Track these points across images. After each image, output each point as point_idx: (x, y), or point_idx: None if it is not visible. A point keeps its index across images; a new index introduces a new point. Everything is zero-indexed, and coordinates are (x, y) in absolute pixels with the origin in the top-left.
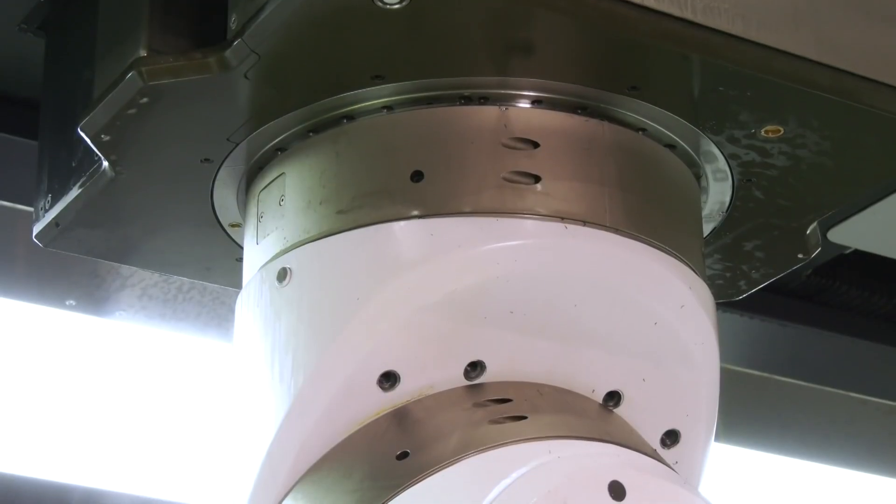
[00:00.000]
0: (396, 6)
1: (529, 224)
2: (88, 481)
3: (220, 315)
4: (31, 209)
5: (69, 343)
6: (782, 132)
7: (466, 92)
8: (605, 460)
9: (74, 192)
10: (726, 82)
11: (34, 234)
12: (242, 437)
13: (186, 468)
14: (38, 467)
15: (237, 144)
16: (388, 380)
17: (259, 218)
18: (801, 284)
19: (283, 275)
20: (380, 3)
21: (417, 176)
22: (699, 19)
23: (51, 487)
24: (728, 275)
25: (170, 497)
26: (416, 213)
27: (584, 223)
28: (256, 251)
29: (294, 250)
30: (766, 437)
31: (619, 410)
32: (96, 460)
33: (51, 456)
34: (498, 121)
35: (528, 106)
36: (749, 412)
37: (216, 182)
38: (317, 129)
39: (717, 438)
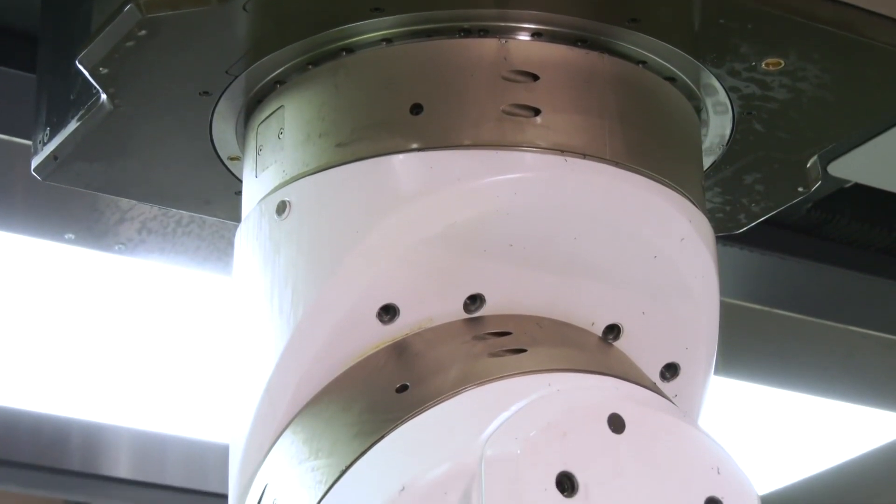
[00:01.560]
0: None
1: (529, 157)
2: (87, 415)
3: (220, 249)
4: (29, 142)
5: (68, 277)
6: (783, 65)
7: (466, 24)
8: (604, 393)
9: (73, 126)
10: (726, 14)
11: (32, 168)
12: (242, 371)
13: (186, 402)
14: (37, 401)
15: (236, 77)
16: (388, 313)
17: (258, 151)
18: (802, 218)
19: (282, 208)
20: None
21: (417, 109)
22: None
23: (50, 421)
24: (728, 208)
25: (169, 430)
26: (415, 145)
27: (584, 156)
28: (255, 184)
29: (293, 183)
30: (765, 370)
31: (618, 343)
32: (95, 394)
33: (50, 390)
34: (497, 53)
35: (527, 38)
36: (749, 346)
37: (215, 115)
38: (316, 61)
39: (717, 372)
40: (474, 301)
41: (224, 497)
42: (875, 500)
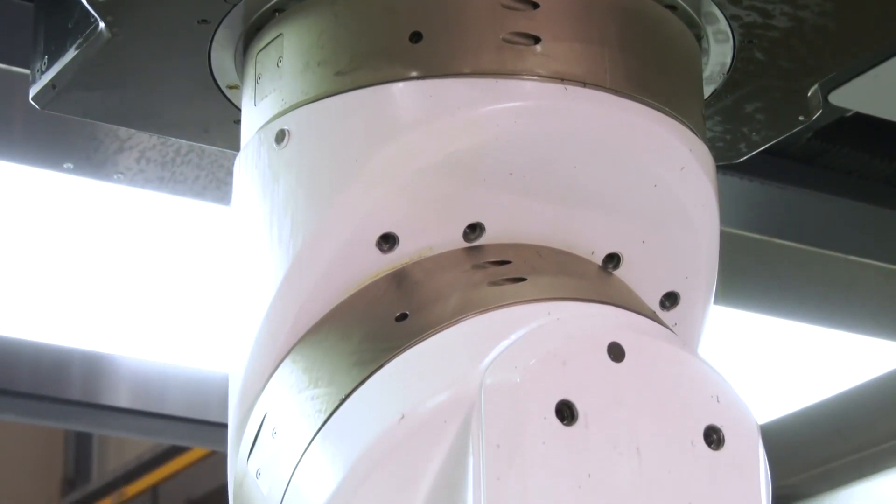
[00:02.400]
0: None
1: (529, 85)
2: (88, 345)
3: (219, 178)
4: (27, 71)
5: (67, 206)
6: None
7: None
8: (604, 322)
9: (71, 54)
10: None
11: (31, 97)
12: (241, 300)
13: (186, 331)
14: (38, 331)
15: (234, 5)
16: (387, 241)
17: (257, 80)
18: (802, 147)
19: (281, 136)
20: None
21: (416, 37)
22: None
23: (50, 351)
24: (728, 137)
25: (169, 360)
26: (414, 74)
27: (584, 84)
28: (254, 113)
29: (292, 112)
30: (764, 299)
31: (618, 272)
32: (96, 324)
33: (50, 320)
34: None
35: None
36: (748, 275)
37: (213, 43)
38: None
39: (716, 301)
40: (474, 230)
41: (224, 426)
42: (874, 428)
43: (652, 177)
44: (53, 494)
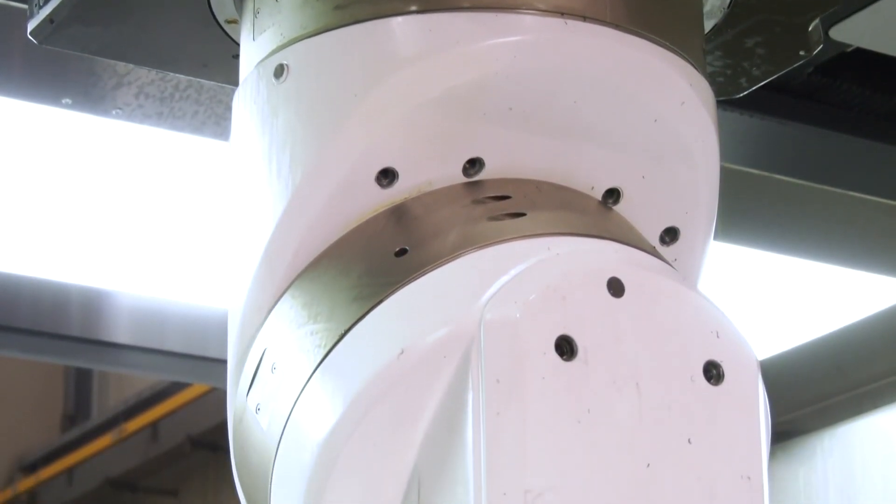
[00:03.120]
0: None
1: (529, 20)
2: (87, 281)
3: (218, 114)
4: (25, 6)
5: (66, 142)
6: None
7: None
8: (604, 257)
9: None
10: None
11: (28, 31)
12: (241, 235)
13: (184, 267)
14: (37, 267)
15: None
16: (387, 177)
17: (255, 14)
18: (802, 82)
19: (280, 71)
20: None
21: None
22: None
23: (50, 287)
24: (729, 72)
25: (168, 296)
26: (414, 8)
27: (584, 19)
28: (253, 47)
29: (291, 46)
30: (765, 235)
31: (618, 207)
32: (94, 260)
33: (49, 256)
34: None
35: None
36: (748, 211)
37: None
38: None
39: (716, 237)
40: (473, 165)
41: (224, 362)
42: (874, 364)
43: (652, 112)
44: (54, 430)
